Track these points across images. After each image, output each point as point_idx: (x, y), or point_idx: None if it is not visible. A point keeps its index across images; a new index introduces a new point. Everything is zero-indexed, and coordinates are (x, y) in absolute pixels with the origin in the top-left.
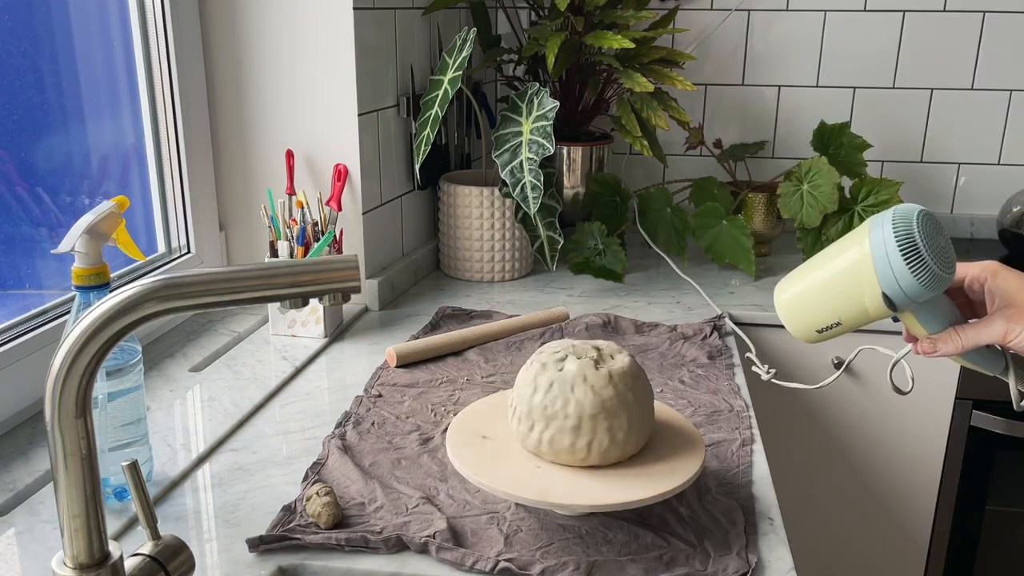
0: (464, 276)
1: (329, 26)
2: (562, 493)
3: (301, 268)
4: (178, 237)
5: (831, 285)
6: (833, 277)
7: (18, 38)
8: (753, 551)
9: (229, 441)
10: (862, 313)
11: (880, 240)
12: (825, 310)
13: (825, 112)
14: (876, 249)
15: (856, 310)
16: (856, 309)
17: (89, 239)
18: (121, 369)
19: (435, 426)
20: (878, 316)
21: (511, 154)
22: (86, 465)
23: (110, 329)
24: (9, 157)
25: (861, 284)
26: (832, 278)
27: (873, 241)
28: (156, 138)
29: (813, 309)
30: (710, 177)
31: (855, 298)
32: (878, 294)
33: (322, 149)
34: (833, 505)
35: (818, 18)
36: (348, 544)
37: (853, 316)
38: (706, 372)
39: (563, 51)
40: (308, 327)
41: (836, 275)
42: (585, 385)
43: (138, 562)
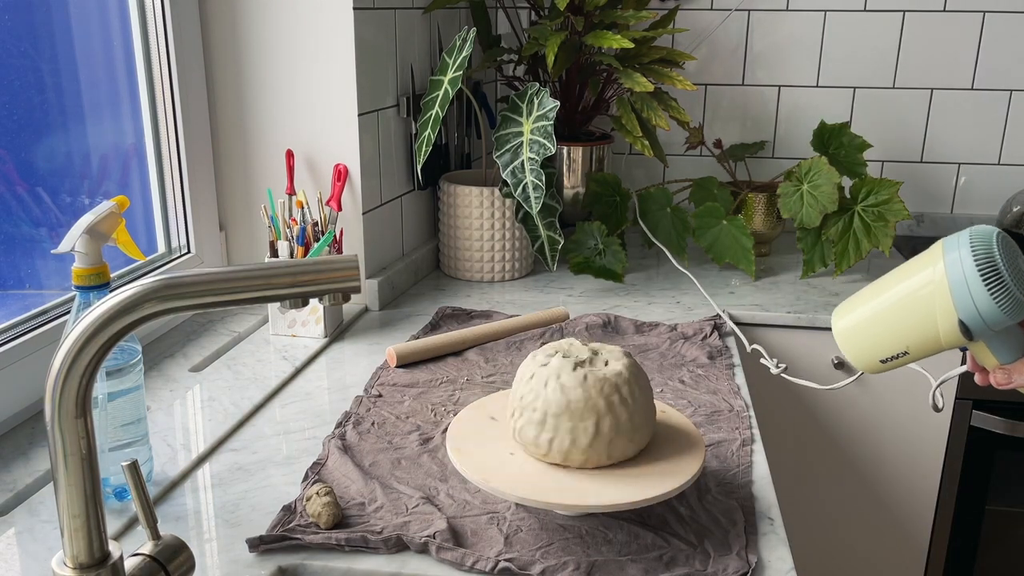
0: (464, 276)
1: (329, 26)
2: (562, 493)
3: (301, 268)
4: (178, 237)
5: (898, 312)
6: (901, 303)
7: (18, 38)
8: (753, 551)
9: (229, 441)
10: (932, 342)
11: (957, 263)
12: (891, 339)
13: (825, 112)
14: (953, 273)
15: (926, 339)
16: (926, 338)
17: (89, 239)
18: (121, 369)
19: (435, 426)
20: (950, 346)
21: (512, 154)
22: (86, 465)
23: (110, 329)
24: (9, 157)
25: (933, 311)
26: (899, 304)
27: (949, 264)
28: (156, 138)
29: (878, 338)
30: (710, 177)
31: (926, 326)
32: (954, 322)
33: (322, 149)
34: (833, 505)
35: (818, 18)
36: (348, 544)
37: (922, 345)
38: (706, 372)
39: (563, 51)
40: (308, 327)
41: (904, 301)
42: (557, 383)
43: (138, 562)
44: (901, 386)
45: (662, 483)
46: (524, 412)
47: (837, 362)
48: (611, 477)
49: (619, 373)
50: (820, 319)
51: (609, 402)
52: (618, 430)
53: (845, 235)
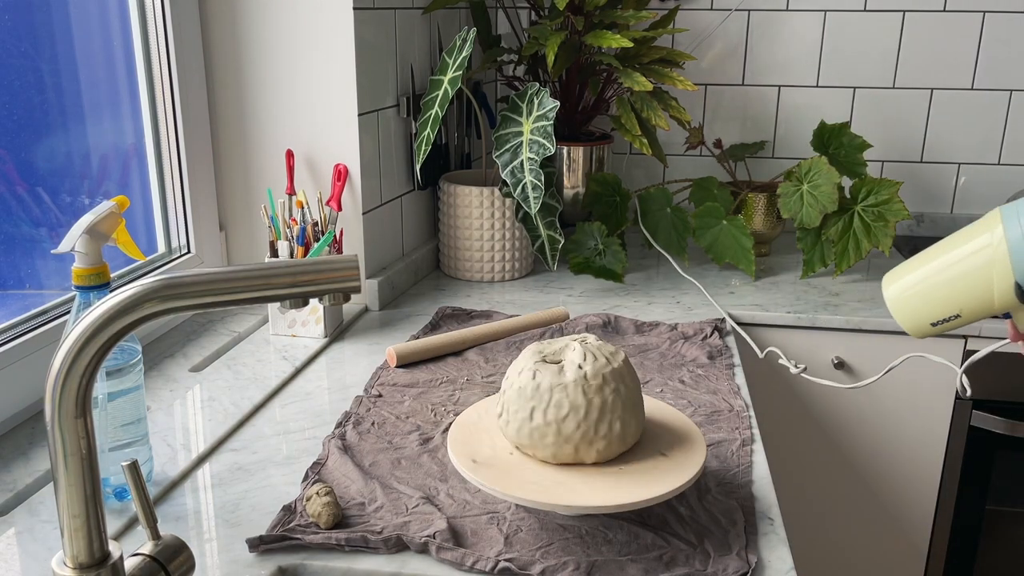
0: (464, 276)
1: (329, 26)
2: (562, 493)
3: (301, 268)
4: (178, 237)
5: (954, 275)
6: (957, 266)
7: (18, 38)
8: (753, 551)
9: (229, 441)
10: (986, 305)
11: (1017, 228)
12: (945, 301)
13: (825, 112)
14: (1013, 237)
15: (980, 302)
16: (980, 301)
17: (89, 239)
18: (121, 369)
19: (435, 426)
20: (1003, 309)
21: (512, 154)
22: (86, 465)
23: (110, 329)
24: (9, 157)
25: (991, 274)
26: (956, 267)
27: (1009, 229)
28: (156, 138)
29: (932, 300)
30: (710, 177)
31: (981, 289)
32: (1011, 284)
33: (322, 149)
34: (833, 505)
35: (818, 18)
36: (348, 544)
37: (975, 308)
38: (706, 372)
39: (563, 51)
40: (308, 327)
41: (961, 264)
42: (533, 381)
43: (138, 562)
44: (901, 386)
45: (662, 483)
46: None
47: (837, 362)
48: (611, 477)
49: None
50: (820, 319)
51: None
52: (601, 428)
53: (845, 235)
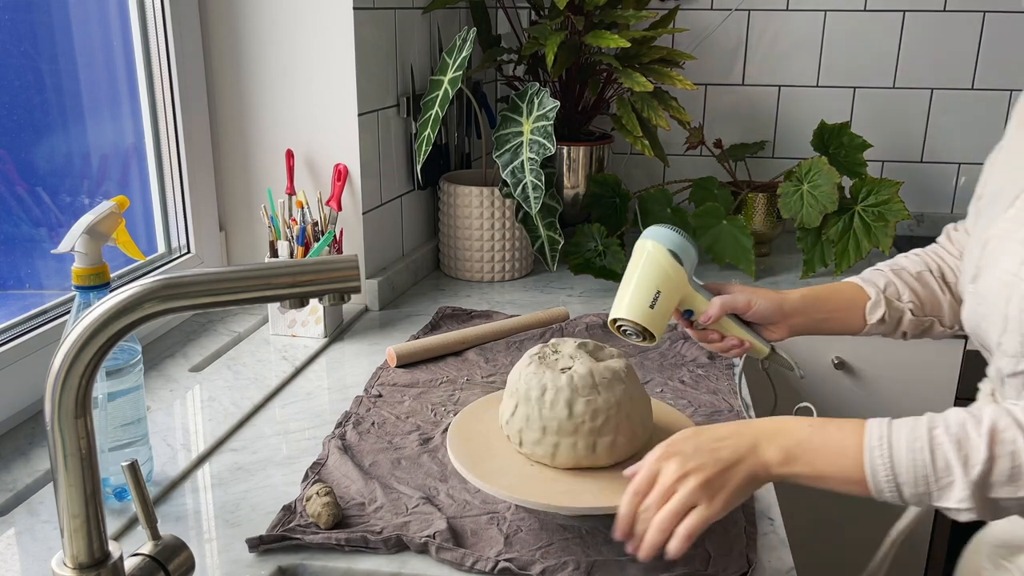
0: (464, 276)
1: (329, 26)
2: (563, 494)
3: (301, 268)
4: (178, 237)
5: (640, 273)
6: (638, 267)
7: (18, 38)
8: (753, 551)
9: (229, 441)
10: (666, 275)
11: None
12: (645, 289)
13: (825, 112)
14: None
15: (663, 276)
16: (662, 276)
17: (89, 239)
18: (121, 369)
19: (435, 426)
20: (677, 274)
21: (512, 154)
22: (86, 465)
23: (110, 329)
24: (9, 157)
25: (657, 257)
26: (638, 269)
27: (647, 234)
28: (156, 138)
29: (637, 294)
30: (710, 177)
31: (658, 268)
32: (666, 254)
33: (322, 149)
34: (833, 505)
35: (818, 18)
36: (348, 544)
37: (663, 282)
38: (706, 372)
39: (563, 51)
40: (308, 327)
41: (641, 265)
42: (539, 385)
43: (138, 562)
44: (901, 386)
45: None
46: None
47: (837, 362)
48: (612, 478)
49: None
50: None
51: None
52: (606, 435)
53: (845, 235)
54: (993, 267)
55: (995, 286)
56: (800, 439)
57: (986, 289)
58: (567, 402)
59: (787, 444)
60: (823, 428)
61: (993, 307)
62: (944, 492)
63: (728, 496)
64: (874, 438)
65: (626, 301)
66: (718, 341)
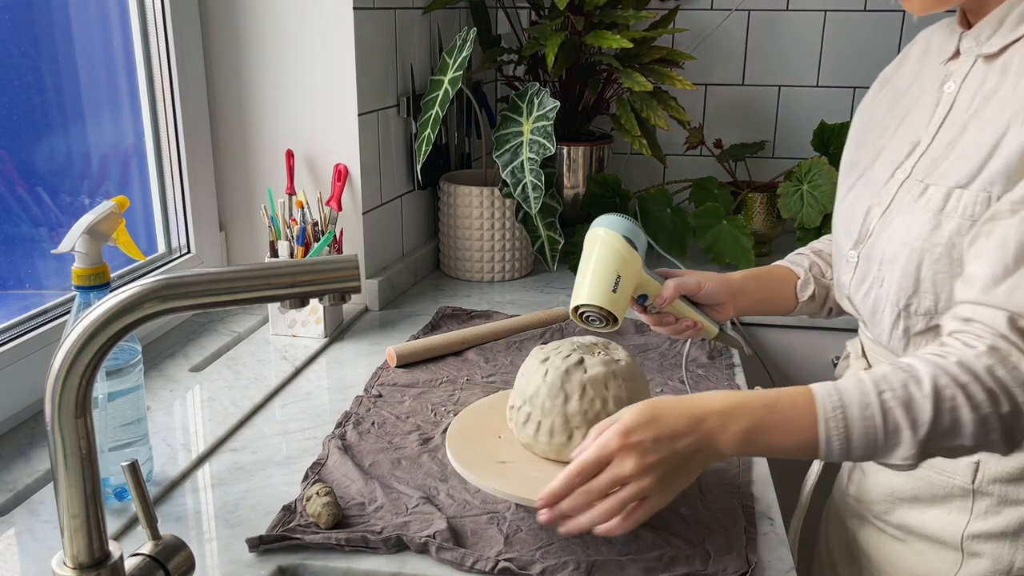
0: (464, 276)
1: (329, 26)
2: None
3: (301, 268)
4: (178, 237)
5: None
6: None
7: (18, 38)
8: (753, 551)
9: (229, 441)
10: (624, 260)
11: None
12: (604, 275)
13: (825, 112)
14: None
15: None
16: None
17: (89, 239)
18: (121, 369)
19: (435, 426)
20: (633, 257)
21: (512, 154)
22: (86, 465)
23: (110, 329)
24: (9, 157)
25: (611, 242)
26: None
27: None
28: (156, 138)
29: (597, 280)
30: (710, 177)
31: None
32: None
33: (322, 149)
34: None
35: (818, 18)
36: (348, 544)
37: (621, 267)
38: (706, 372)
39: (563, 51)
40: (308, 327)
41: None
42: (552, 380)
43: (138, 562)
44: None
45: None
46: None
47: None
48: None
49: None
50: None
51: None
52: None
53: None
54: (888, 235)
55: (900, 252)
56: (755, 422)
57: (885, 255)
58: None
59: (743, 428)
60: (776, 406)
61: (897, 272)
62: (891, 451)
63: (680, 486)
64: (828, 409)
65: (588, 288)
66: (672, 324)
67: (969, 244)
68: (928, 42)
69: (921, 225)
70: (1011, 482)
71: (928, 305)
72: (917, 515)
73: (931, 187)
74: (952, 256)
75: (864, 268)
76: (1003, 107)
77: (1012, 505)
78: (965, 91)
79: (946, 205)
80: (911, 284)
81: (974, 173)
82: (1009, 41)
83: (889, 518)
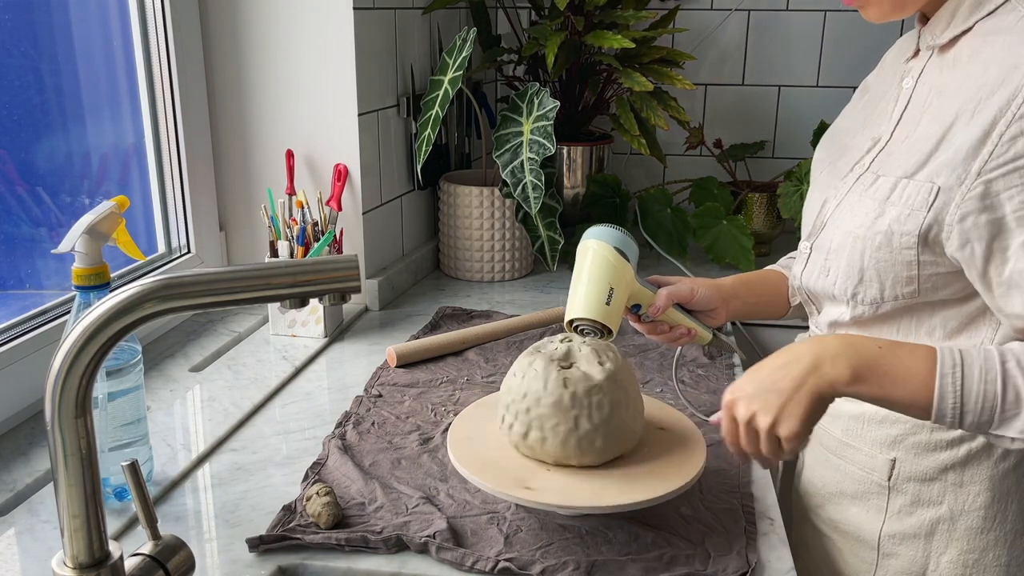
0: (464, 276)
1: (329, 26)
2: (562, 494)
3: (301, 268)
4: (178, 237)
5: (591, 272)
6: (587, 266)
7: (18, 38)
8: (753, 551)
9: (229, 441)
10: (617, 272)
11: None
12: (598, 287)
13: (825, 112)
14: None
15: (613, 272)
16: (612, 272)
17: (89, 239)
18: (121, 369)
19: (435, 426)
20: (625, 268)
21: (512, 154)
22: (86, 465)
23: (110, 329)
24: (9, 157)
25: (604, 254)
26: (587, 268)
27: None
28: (156, 138)
29: (592, 293)
30: (710, 177)
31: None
32: (612, 252)
33: (322, 149)
34: None
35: (818, 18)
36: (348, 544)
37: (614, 279)
38: (706, 372)
39: (563, 51)
40: (308, 327)
41: (589, 265)
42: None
43: (138, 562)
44: None
45: (663, 483)
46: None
47: None
48: (611, 477)
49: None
50: None
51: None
52: (597, 428)
53: None
54: (837, 225)
55: (845, 241)
56: (869, 358)
57: (832, 244)
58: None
59: (856, 362)
60: (893, 350)
61: (843, 261)
62: (1008, 423)
63: (801, 418)
64: (947, 365)
65: (581, 301)
66: (667, 332)
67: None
68: (900, 47)
69: (866, 214)
70: (925, 481)
71: (874, 294)
72: (840, 511)
73: (881, 178)
74: (892, 244)
75: (814, 259)
76: (952, 99)
77: (925, 506)
78: (921, 86)
79: (891, 195)
80: (856, 272)
81: (920, 164)
82: (959, 31)
83: (820, 512)
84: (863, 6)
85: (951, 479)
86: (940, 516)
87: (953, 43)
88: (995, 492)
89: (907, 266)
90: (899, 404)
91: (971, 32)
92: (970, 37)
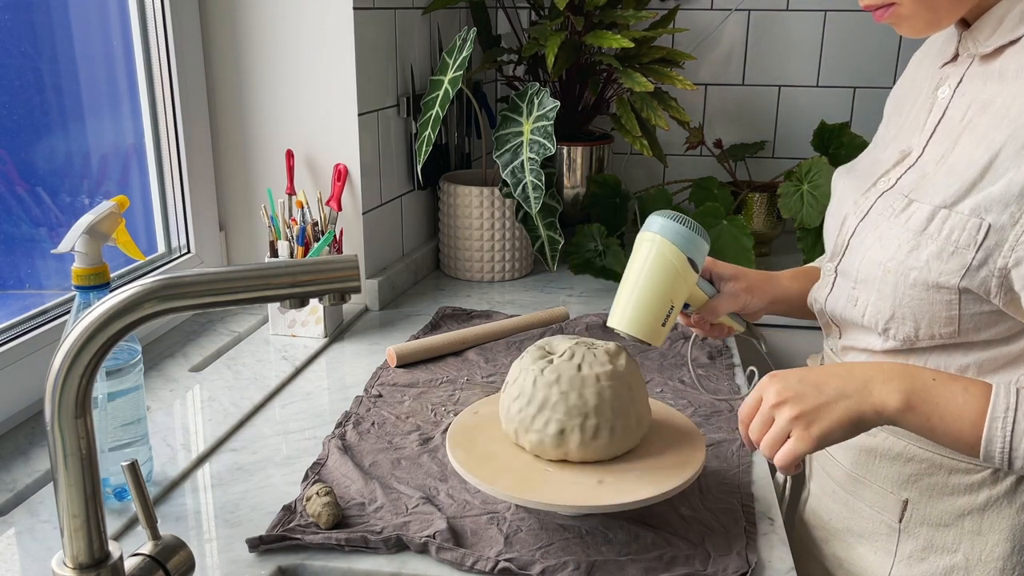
0: (464, 276)
1: (329, 26)
2: (562, 493)
3: (301, 268)
4: (178, 237)
5: (648, 282)
6: (645, 274)
7: (18, 38)
8: (753, 551)
9: (229, 441)
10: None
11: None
12: (657, 302)
13: (825, 112)
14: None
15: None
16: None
17: (89, 239)
18: (121, 369)
19: (435, 426)
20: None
21: (512, 154)
22: (86, 465)
23: (110, 329)
24: (9, 157)
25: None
26: (645, 276)
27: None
28: (156, 138)
29: (647, 308)
30: (710, 177)
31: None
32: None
33: (322, 149)
34: None
35: (818, 18)
36: (348, 544)
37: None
38: (706, 372)
39: (563, 51)
40: (308, 327)
41: (646, 271)
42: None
43: (138, 562)
44: None
45: (662, 483)
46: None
47: None
48: (611, 477)
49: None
50: None
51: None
52: (602, 426)
53: None
54: (862, 251)
55: (874, 272)
56: (923, 389)
57: (860, 274)
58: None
59: (909, 390)
60: (948, 384)
61: (873, 295)
62: None
63: (823, 431)
64: (999, 408)
65: (633, 314)
66: (706, 328)
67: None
68: (930, 49)
69: (899, 245)
70: (939, 526)
71: (908, 332)
72: (847, 549)
73: (915, 203)
74: (929, 283)
75: (840, 285)
76: (999, 120)
77: (939, 552)
78: (959, 97)
79: (928, 226)
80: (888, 308)
81: (962, 193)
82: (1007, 41)
83: (824, 548)
84: (896, 23)
85: (968, 526)
86: (955, 564)
87: (998, 53)
88: (1016, 542)
89: (947, 306)
90: (944, 439)
91: (1020, 44)
92: (1018, 50)
